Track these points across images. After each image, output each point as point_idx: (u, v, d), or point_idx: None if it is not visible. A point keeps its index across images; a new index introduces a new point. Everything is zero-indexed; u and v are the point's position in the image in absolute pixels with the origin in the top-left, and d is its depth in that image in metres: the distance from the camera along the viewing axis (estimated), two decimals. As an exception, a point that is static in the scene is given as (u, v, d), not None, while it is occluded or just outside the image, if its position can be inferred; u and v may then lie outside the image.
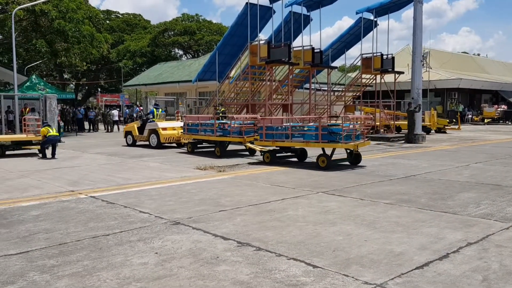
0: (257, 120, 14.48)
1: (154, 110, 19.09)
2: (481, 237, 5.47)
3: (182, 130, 16.86)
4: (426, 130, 23.86)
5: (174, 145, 18.25)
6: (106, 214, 6.70)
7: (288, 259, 4.69)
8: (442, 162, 12.73)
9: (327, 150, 11.89)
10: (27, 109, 24.52)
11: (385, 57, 24.29)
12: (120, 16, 62.64)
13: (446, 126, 27.55)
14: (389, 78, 26.12)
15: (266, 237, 5.47)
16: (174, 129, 17.62)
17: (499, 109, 40.86)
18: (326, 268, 4.44)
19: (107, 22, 54.12)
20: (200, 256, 4.81)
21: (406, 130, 20.67)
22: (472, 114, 42.08)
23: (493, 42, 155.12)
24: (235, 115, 17.00)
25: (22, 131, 17.44)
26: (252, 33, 21.54)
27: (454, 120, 31.56)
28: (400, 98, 34.23)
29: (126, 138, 19.39)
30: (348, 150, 12.09)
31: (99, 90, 58.69)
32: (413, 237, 5.46)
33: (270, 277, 4.22)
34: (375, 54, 24.18)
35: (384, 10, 25.31)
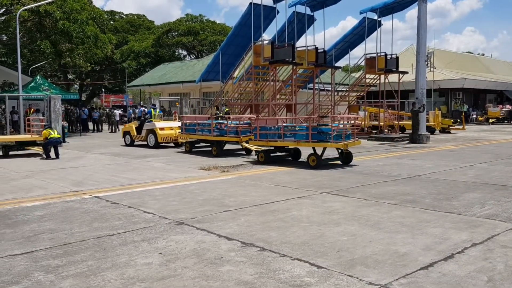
0: (252, 120, 14.66)
1: (152, 110, 19.28)
2: (486, 237, 5.44)
3: (179, 130, 17.12)
4: (431, 130, 23.78)
5: (172, 144, 18.42)
6: (110, 214, 6.71)
7: (292, 260, 4.68)
8: (446, 162, 12.68)
9: (318, 149, 12.15)
10: (32, 109, 24.58)
11: (389, 57, 24.25)
12: (124, 16, 62.85)
13: (450, 126, 27.45)
14: (393, 78, 26.06)
15: (270, 237, 5.47)
16: (171, 129, 17.82)
17: (504, 109, 40.66)
18: (331, 268, 4.43)
19: (111, 22, 54.28)
20: (204, 256, 4.81)
21: (410, 130, 20.61)
22: (476, 114, 41.92)
23: (497, 42, 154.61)
24: (232, 115, 17.07)
25: (26, 132, 17.50)
26: (255, 33, 21.54)
27: (458, 120, 31.44)
28: (404, 98, 34.15)
29: (124, 138, 19.58)
30: (339, 150, 12.24)
31: (103, 90, 58.83)
32: (417, 237, 5.44)
33: (274, 277, 4.22)
34: (379, 54, 24.14)
35: (388, 10, 25.27)
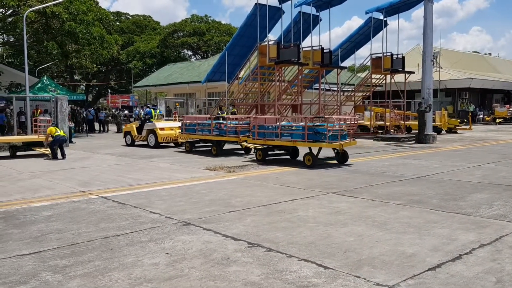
0: (251, 119, 14.83)
1: (152, 111, 19.49)
2: (494, 238, 5.40)
3: (179, 130, 17.35)
4: (437, 130, 23.68)
5: (172, 144, 18.61)
6: (117, 214, 6.73)
7: (299, 260, 4.67)
8: (453, 163, 12.62)
9: (315, 149, 12.29)
10: (39, 110, 24.72)
11: (395, 57, 24.17)
12: (130, 17, 63.06)
13: (457, 126, 27.31)
14: (399, 78, 25.96)
15: (277, 238, 5.46)
16: (171, 129, 18.04)
17: (511, 109, 40.40)
18: (338, 269, 4.42)
19: (117, 23, 54.51)
20: (210, 256, 4.81)
21: (417, 130, 20.52)
22: (483, 114, 41.68)
23: (504, 41, 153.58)
24: (232, 115, 17.23)
25: (33, 132, 17.59)
26: (261, 33, 21.54)
27: (465, 120, 31.27)
28: (410, 98, 34.02)
29: (125, 138, 19.84)
30: (335, 150, 12.35)
31: (109, 91, 59.04)
32: (425, 238, 5.42)
33: (281, 278, 4.21)
34: (385, 54, 24.05)
35: (394, 9, 25.18)
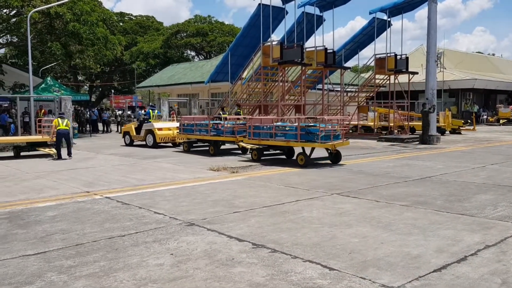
0: (247, 119, 15.08)
1: (150, 111, 19.71)
2: (499, 239, 5.38)
3: (177, 130, 17.61)
4: (441, 131, 23.61)
5: (170, 144, 18.84)
6: (121, 215, 6.74)
7: (304, 261, 4.66)
8: (457, 164, 12.58)
9: (308, 149, 12.59)
10: (43, 110, 24.79)
11: (399, 57, 24.09)
12: (133, 18, 63.13)
13: (461, 127, 27.22)
14: (403, 78, 25.89)
15: (281, 239, 5.45)
16: (169, 129, 18.35)
17: (515, 109, 40.20)
18: (343, 270, 4.41)
19: (121, 24, 54.53)
20: (215, 257, 4.81)
21: (421, 131, 20.46)
22: (487, 115, 41.50)
23: (508, 41, 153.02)
24: (228, 116, 17.54)
25: (37, 133, 17.64)
26: (264, 34, 21.53)
27: (469, 120, 31.17)
28: (414, 99, 33.94)
29: (124, 138, 20.14)
30: (329, 150, 12.53)
31: (113, 91, 59.15)
32: (430, 239, 5.40)
33: (286, 279, 4.20)
34: (389, 55, 23.99)
35: (397, 10, 25.12)
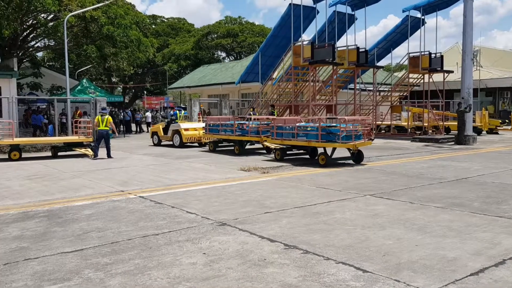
0: (271, 120, 15.37)
1: (177, 112, 20.26)
2: (541, 244, 5.19)
3: (203, 131, 18.06)
4: (477, 131, 22.96)
5: (196, 144, 19.25)
6: (155, 214, 6.85)
7: (336, 263, 4.62)
8: (495, 164, 12.19)
9: (329, 149, 12.77)
10: (78, 111, 25.51)
11: (433, 55, 23.58)
12: (165, 20, 64.10)
13: (498, 127, 26.41)
14: (437, 77, 25.29)
15: (313, 240, 5.42)
16: (195, 129, 18.82)
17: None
18: (376, 273, 4.34)
19: (153, 26, 55.52)
20: (247, 257, 4.83)
21: (456, 131, 19.96)
22: (526, 114, 40.02)
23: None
24: (253, 116, 17.80)
25: (73, 133, 18.15)
26: (295, 33, 21.45)
27: (506, 120, 30.15)
28: (449, 98, 33.06)
29: (152, 138, 20.80)
30: (351, 150, 12.53)
31: (145, 93, 60.24)
32: (466, 242, 5.26)
33: (318, 280, 4.17)
34: (423, 53, 23.50)
35: (432, 7, 24.56)
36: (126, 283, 4.17)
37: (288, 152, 14.05)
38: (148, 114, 34.82)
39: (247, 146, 16.67)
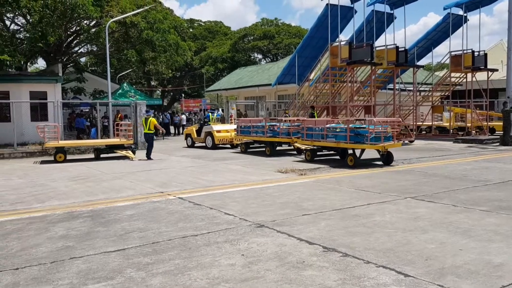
0: (301, 121, 15.59)
1: (210, 114, 20.77)
2: None
3: (234, 132, 18.39)
4: (524, 131, 21.94)
5: (228, 146, 19.52)
6: (193, 215, 6.94)
7: (377, 267, 4.53)
8: (544, 166, 11.65)
9: (358, 150, 12.85)
10: (119, 115, 26.22)
11: (476, 54, 22.78)
12: (202, 24, 65.03)
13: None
14: (481, 76, 24.42)
15: (353, 243, 5.34)
16: (227, 131, 19.18)
17: None
18: (419, 277, 4.24)
19: (191, 30, 56.38)
20: (286, 259, 4.81)
21: (501, 132, 19.19)
22: None
23: None
24: (284, 118, 17.89)
25: (115, 136, 18.66)
26: (332, 34, 21.23)
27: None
28: (493, 98, 31.83)
29: (186, 140, 21.31)
30: (380, 152, 12.53)
31: (183, 95, 61.24)
32: (515, 247, 5.05)
33: (358, 284, 4.11)
34: (466, 51, 22.75)
35: (474, 4, 23.75)
36: (166, 283, 4.24)
37: (318, 153, 14.17)
38: (183, 116, 35.35)
39: (278, 148, 16.93)
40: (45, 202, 8.23)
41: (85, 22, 25.59)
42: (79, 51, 31.21)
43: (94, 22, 25.70)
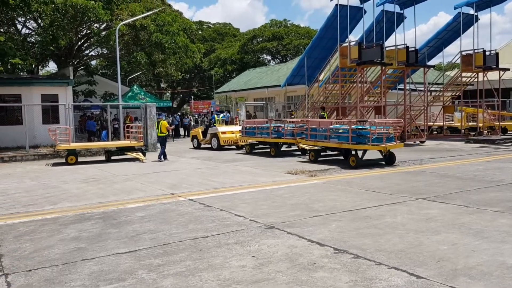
0: (305, 122, 15.75)
1: (215, 116, 21.02)
2: None
3: (239, 134, 18.58)
4: (537, 131, 21.74)
5: (234, 147, 19.70)
6: (204, 216, 6.96)
7: (389, 268, 4.50)
8: (558, 166, 11.50)
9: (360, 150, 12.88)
10: (129, 117, 26.36)
11: (487, 53, 22.54)
12: (211, 26, 65.24)
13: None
14: (492, 75, 24.17)
15: (364, 244, 5.31)
16: (232, 132, 19.40)
17: None
18: (431, 279, 4.20)
19: (200, 32, 56.56)
20: (296, 261, 4.80)
21: (514, 132, 18.99)
22: None
23: None
24: (288, 119, 18.11)
25: (125, 138, 18.77)
26: (342, 34, 21.15)
27: None
28: (505, 97, 31.51)
29: (192, 141, 21.63)
30: (383, 153, 12.61)
31: (192, 97, 61.42)
32: (529, 249, 4.98)
33: (370, 286, 4.09)
34: (477, 51, 22.53)
35: (485, 3, 23.51)
36: (177, 284, 4.25)
37: (322, 153, 14.37)
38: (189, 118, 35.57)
39: (283, 148, 17.14)
40: (57, 204, 8.30)
41: (95, 25, 25.80)
42: (90, 54, 31.46)
43: (104, 25, 25.92)
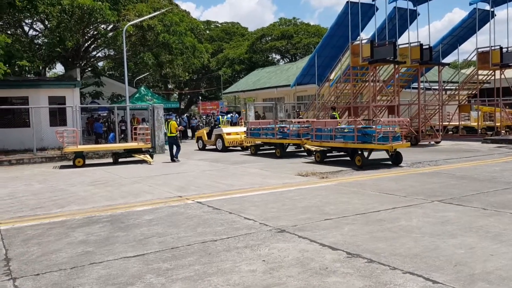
0: (310, 122, 15.82)
1: (220, 117, 21.05)
2: None
3: (245, 135, 18.58)
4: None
5: (238, 148, 19.71)
6: (212, 219, 6.83)
7: (403, 273, 4.35)
8: None
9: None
10: (136, 118, 26.31)
11: (505, 50, 22.09)
12: (219, 25, 65.07)
13: None
14: (510, 73, 23.73)
15: (378, 248, 5.15)
16: (237, 134, 19.42)
17: None
18: (448, 284, 4.05)
19: (207, 32, 56.42)
20: (308, 266, 4.66)
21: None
22: None
23: None
24: (293, 120, 18.20)
25: (132, 140, 18.65)
26: (353, 32, 20.89)
27: None
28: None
29: (197, 142, 21.71)
30: (390, 152, 12.54)
31: (200, 98, 61.39)
32: (550, 253, 4.80)
33: (386, 292, 3.93)
34: (493, 48, 22.12)
35: (502, -2, 23.06)
36: (186, 291, 4.13)
37: (328, 154, 14.25)
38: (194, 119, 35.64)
39: (288, 149, 17.11)
40: (64, 207, 8.24)
41: (102, 26, 25.82)
42: (97, 56, 31.48)
43: (111, 26, 25.91)
